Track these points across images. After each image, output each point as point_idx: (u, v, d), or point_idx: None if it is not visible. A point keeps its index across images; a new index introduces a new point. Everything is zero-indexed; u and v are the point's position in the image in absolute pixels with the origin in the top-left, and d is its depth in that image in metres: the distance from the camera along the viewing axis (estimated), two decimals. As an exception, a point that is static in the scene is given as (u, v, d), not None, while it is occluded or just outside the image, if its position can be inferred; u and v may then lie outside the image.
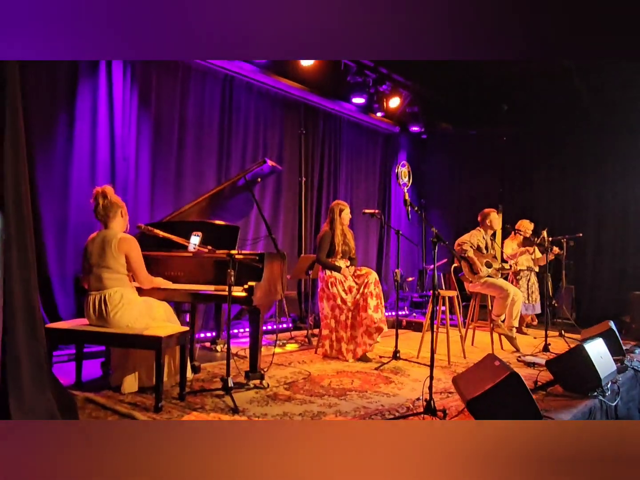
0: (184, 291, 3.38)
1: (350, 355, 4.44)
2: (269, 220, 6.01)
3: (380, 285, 4.53)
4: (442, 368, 4.30)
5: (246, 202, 4.40)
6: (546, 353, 5.00)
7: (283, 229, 6.27)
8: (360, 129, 7.56)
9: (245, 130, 5.89)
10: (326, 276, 4.56)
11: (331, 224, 4.67)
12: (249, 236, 5.58)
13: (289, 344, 5.16)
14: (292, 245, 6.37)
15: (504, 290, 4.89)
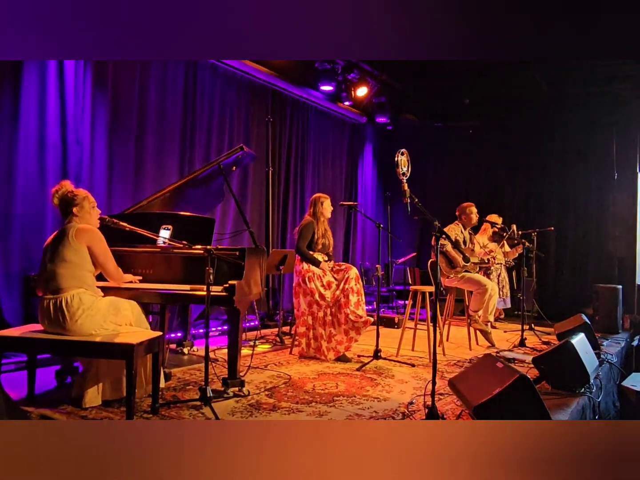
0: (154, 291, 3.02)
1: (332, 353, 4.20)
2: (234, 213, 5.68)
3: (361, 281, 4.31)
4: (425, 367, 4.13)
5: (213, 194, 4.07)
6: (522, 348, 4.96)
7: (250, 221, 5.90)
8: (328, 117, 7.30)
9: (210, 116, 5.50)
10: (303, 270, 4.29)
11: (314, 216, 4.41)
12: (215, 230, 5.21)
13: (261, 343, 4.86)
14: (258, 239, 6.02)
15: (482, 285, 4.79)
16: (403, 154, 2.81)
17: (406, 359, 4.37)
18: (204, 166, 3.59)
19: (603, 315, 6.36)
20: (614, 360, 4.76)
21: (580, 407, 3.31)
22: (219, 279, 2.95)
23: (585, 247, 7.35)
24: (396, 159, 2.74)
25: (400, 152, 2.80)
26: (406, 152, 2.83)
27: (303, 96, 6.61)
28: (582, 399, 3.43)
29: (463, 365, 4.20)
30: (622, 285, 6.45)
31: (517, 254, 5.94)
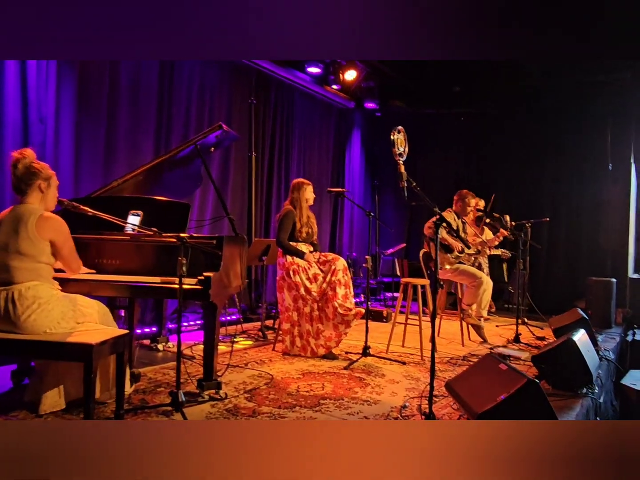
0: (121, 284, 2.70)
1: (322, 350, 3.92)
2: (214, 199, 5.35)
3: (349, 273, 4.03)
4: (416, 365, 3.88)
5: (191, 178, 3.74)
6: (517, 344, 4.74)
7: (231, 209, 5.54)
8: (314, 101, 6.97)
9: (188, 96, 5.14)
10: (287, 263, 4.00)
11: (294, 203, 4.10)
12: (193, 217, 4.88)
13: (241, 339, 4.57)
14: (240, 227, 5.70)
15: (477, 278, 4.55)
16: (400, 132, 2.52)
17: (397, 356, 4.12)
18: (179, 146, 3.25)
19: (596, 309, 6.17)
20: (612, 357, 4.58)
21: (584, 409, 3.10)
22: (194, 270, 2.65)
23: (577, 240, 7.15)
24: (392, 137, 2.45)
25: (397, 130, 2.52)
26: (403, 130, 2.55)
27: (289, 78, 6.26)
28: (585, 400, 3.21)
29: (457, 363, 3.96)
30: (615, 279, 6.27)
31: (497, 242, 5.67)
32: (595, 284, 6.21)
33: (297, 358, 3.91)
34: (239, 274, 3.06)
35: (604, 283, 6.18)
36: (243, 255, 3.09)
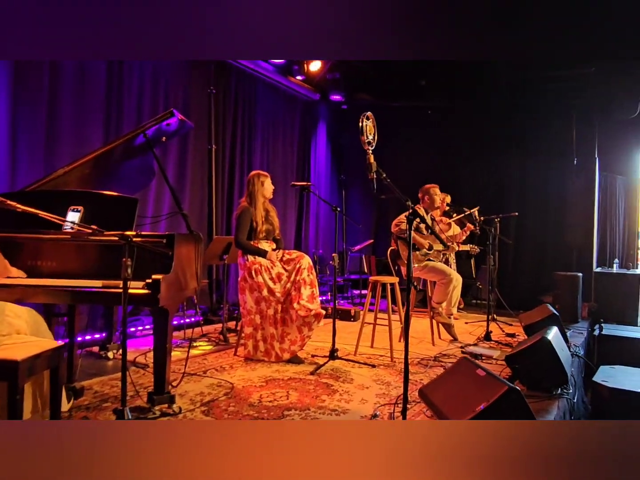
0: (58, 289, 2.39)
1: (287, 354, 3.68)
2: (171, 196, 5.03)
3: (314, 271, 3.80)
4: (386, 367, 3.69)
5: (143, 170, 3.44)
6: (487, 342, 4.62)
7: (190, 205, 5.29)
8: (278, 92, 6.69)
9: (140, 84, 4.79)
10: (248, 262, 3.74)
11: (251, 198, 3.83)
12: (148, 213, 4.56)
13: (201, 343, 4.28)
14: (200, 224, 5.41)
15: (447, 276, 4.40)
16: (369, 119, 2.30)
17: (366, 358, 3.93)
18: (125, 134, 2.94)
19: (563, 304, 6.15)
20: (581, 352, 4.52)
21: (561, 412, 2.97)
22: (142, 272, 2.37)
23: (544, 234, 7.14)
24: (360, 125, 2.23)
25: (365, 116, 2.30)
26: (372, 116, 2.33)
27: (250, 67, 5.98)
28: (560, 401, 3.09)
29: (428, 364, 3.79)
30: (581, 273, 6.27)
31: (464, 237, 5.58)
32: (562, 279, 6.19)
33: (261, 363, 3.66)
34: (195, 275, 2.79)
35: (570, 278, 6.17)
36: (199, 254, 2.82)
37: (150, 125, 2.85)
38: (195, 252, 2.79)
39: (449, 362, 3.87)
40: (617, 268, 7.49)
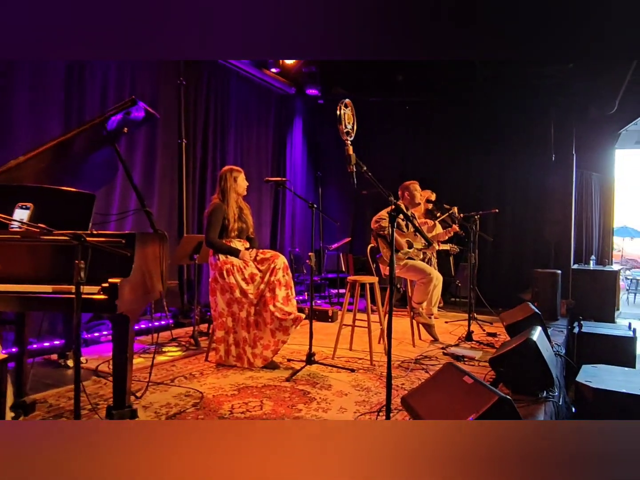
0: (3, 294, 2.14)
1: (259, 360, 3.48)
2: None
3: (289, 272, 3.61)
4: (366, 371, 3.53)
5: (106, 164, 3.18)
6: (469, 342, 4.50)
7: (159, 202, 5.02)
8: (252, 85, 6.46)
9: (104, 72, 4.51)
10: (220, 262, 3.52)
11: (223, 195, 3.62)
12: (113, 210, 4.29)
13: (170, 348, 4.05)
14: (170, 222, 5.16)
15: (427, 275, 4.26)
16: (347, 107, 2.11)
17: (344, 362, 3.76)
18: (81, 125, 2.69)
19: (543, 301, 6.10)
20: (563, 352, 4.44)
21: (548, 416, 2.85)
22: (100, 275, 2.14)
23: (522, 231, 7.09)
24: (338, 113, 2.05)
25: (344, 104, 2.11)
26: (351, 104, 2.14)
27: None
28: (547, 405, 2.97)
29: (409, 367, 3.64)
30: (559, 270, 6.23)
31: (447, 237, 5.48)
32: (541, 276, 6.13)
33: (233, 369, 3.45)
34: (160, 277, 2.57)
35: (550, 275, 6.12)
36: (164, 254, 2.60)
37: (110, 114, 2.61)
38: (161, 252, 2.57)
39: (430, 364, 3.73)
40: (593, 265, 7.50)
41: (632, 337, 5.05)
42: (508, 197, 7.13)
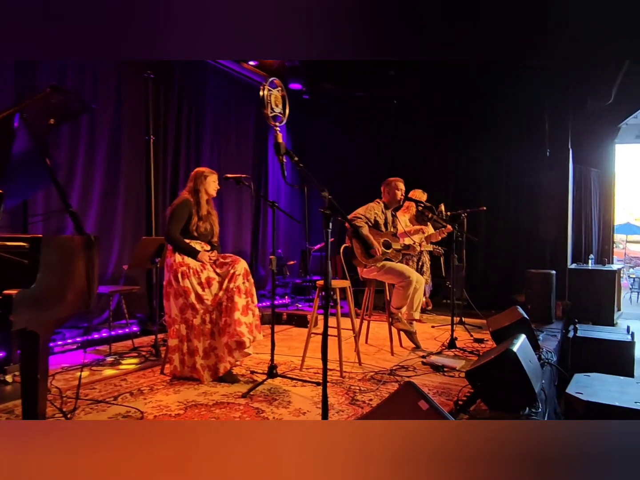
0: None
1: (208, 373, 3.20)
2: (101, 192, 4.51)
3: (251, 278, 3.32)
4: (333, 385, 3.23)
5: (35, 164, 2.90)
6: (453, 350, 4.19)
7: (124, 204, 4.74)
8: (230, 80, 6.17)
9: (62, 65, 4.24)
10: (175, 263, 3.25)
11: (194, 192, 3.36)
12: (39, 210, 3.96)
13: (128, 359, 3.76)
14: (137, 225, 4.88)
15: (406, 278, 3.96)
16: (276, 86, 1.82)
17: (312, 374, 3.47)
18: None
19: (536, 303, 5.80)
20: (554, 359, 4.12)
21: (527, 438, 2.54)
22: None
23: (516, 229, 6.76)
24: (262, 94, 1.76)
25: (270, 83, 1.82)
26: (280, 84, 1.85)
27: (196, 51, 5.45)
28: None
29: (382, 379, 3.34)
30: (555, 270, 5.91)
31: (440, 238, 5.21)
32: (535, 277, 5.82)
33: (188, 384, 3.17)
34: (84, 287, 2.28)
35: (543, 275, 5.81)
36: (91, 261, 2.31)
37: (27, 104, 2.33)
38: (85, 259, 2.29)
39: (406, 375, 3.43)
40: (592, 264, 7.18)
41: (630, 341, 4.74)
42: (501, 194, 6.81)
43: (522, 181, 6.70)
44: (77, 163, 4.33)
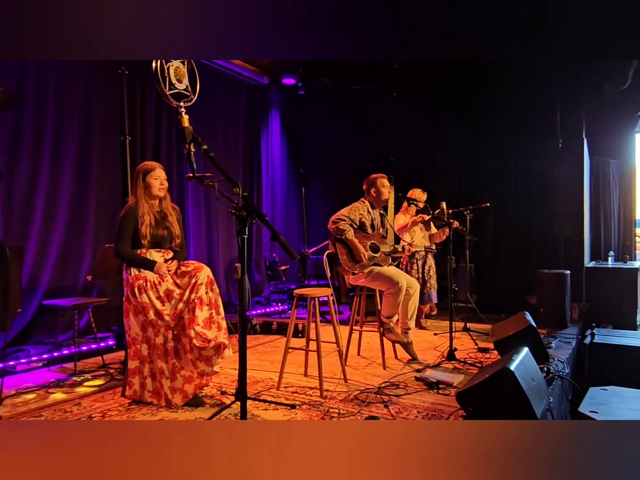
0: None
1: (178, 397, 2.86)
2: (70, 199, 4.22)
3: (216, 287, 2.98)
4: (309, 408, 2.87)
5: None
6: (452, 362, 3.79)
7: (96, 209, 4.44)
8: (216, 75, 5.84)
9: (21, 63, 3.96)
10: (131, 277, 2.92)
11: (136, 197, 3.02)
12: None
13: (91, 380, 3.44)
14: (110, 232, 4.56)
15: (394, 284, 3.57)
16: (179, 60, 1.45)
17: (290, 393, 3.11)
18: None
19: (549, 306, 5.35)
20: (566, 372, 3.69)
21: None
22: None
23: (527, 226, 6.30)
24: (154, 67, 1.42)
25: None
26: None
27: (176, 45, 5.14)
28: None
29: (366, 400, 2.97)
30: (570, 270, 5.44)
31: (444, 237, 4.83)
32: (547, 278, 5.37)
33: (146, 408, 2.84)
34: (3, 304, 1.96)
35: (556, 276, 5.35)
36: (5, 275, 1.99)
37: None
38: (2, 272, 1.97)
39: (393, 395, 3.05)
40: (612, 261, 6.66)
41: (654, 348, 4.27)
42: (509, 189, 6.35)
43: (532, 175, 6.23)
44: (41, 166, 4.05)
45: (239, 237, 1.43)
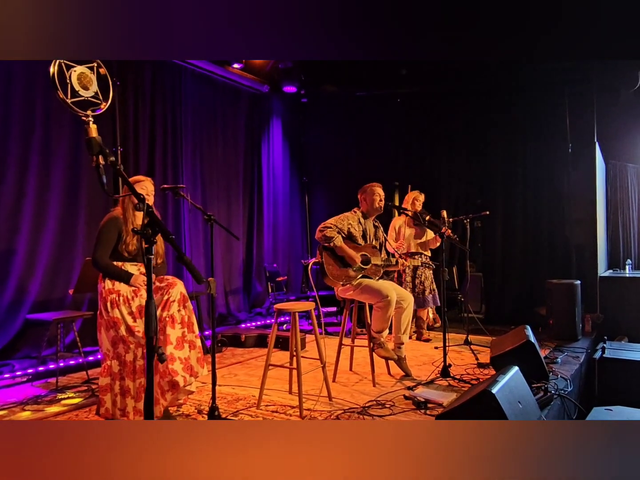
0: None
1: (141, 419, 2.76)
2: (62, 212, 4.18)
3: (189, 304, 2.87)
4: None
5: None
6: (447, 379, 3.60)
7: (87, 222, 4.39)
8: (213, 85, 5.79)
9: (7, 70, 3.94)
10: (105, 291, 2.83)
11: (122, 207, 2.94)
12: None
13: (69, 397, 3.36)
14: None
15: (383, 297, 3.41)
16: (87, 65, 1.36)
17: (269, 412, 2.97)
18: None
19: (558, 317, 5.09)
20: (569, 389, 3.46)
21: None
22: None
23: (537, 234, 6.05)
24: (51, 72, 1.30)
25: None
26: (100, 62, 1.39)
27: (171, 55, 5.10)
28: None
29: (350, 418, 2.81)
30: (581, 280, 5.19)
31: (437, 244, 4.68)
32: (556, 288, 5.11)
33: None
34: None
35: (566, 286, 5.09)
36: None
37: None
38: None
39: (377, 415, 2.89)
40: (630, 270, 6.35)
41: (667, 364, 4.00)
42: (518, 196, 6.11)
43: (542, 181, 5.99)
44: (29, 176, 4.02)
45: (145, 257, 1.31)
